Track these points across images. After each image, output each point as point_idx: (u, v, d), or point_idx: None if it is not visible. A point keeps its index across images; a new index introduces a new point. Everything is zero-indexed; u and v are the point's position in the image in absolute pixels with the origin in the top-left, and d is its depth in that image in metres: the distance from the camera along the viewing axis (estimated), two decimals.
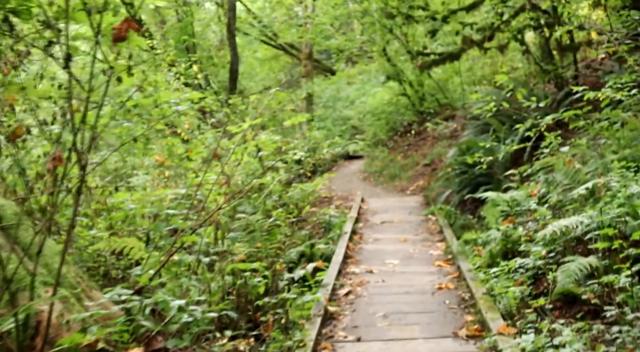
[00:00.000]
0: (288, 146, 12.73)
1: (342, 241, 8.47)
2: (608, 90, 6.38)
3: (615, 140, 6.65)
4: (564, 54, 11.56)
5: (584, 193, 5.34)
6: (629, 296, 3.96)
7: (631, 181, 5.24)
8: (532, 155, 10.07)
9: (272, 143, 11.66)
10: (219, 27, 22.64)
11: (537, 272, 5.40)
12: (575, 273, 4.72)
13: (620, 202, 4.88)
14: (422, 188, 12.61)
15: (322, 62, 25.75)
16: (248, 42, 26.37)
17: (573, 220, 5.38)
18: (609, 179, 5.37)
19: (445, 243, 8.40)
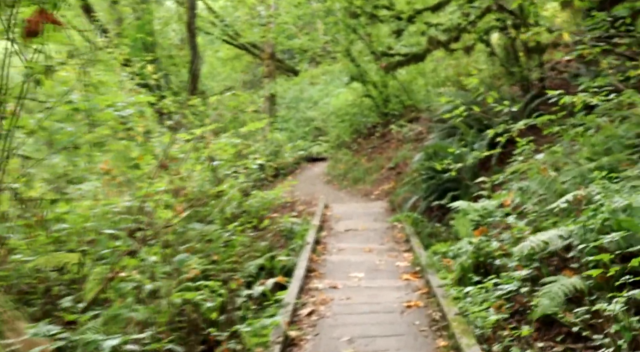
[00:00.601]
0: (249, 149, 12.14)
1: (304, 252, 7.91)
2: (586, 95, 5.98)
3: (590, 147, 6.25)
4: (530, 56, 11.22)
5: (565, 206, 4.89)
6: (624, 327, 3.50)
7: (614, 193, 4.82)
8: (501, 161, 9.70)
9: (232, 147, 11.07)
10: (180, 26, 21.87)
11: (515, 289, 4.92)
12: (558, 296, 4.26)
13: (604, 216, 4.44)
14: (387, 192, 12.13)
15: (285, 62, 25.15)
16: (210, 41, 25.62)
17: (552, 234, 4.94)
18: (590, 190, 4.94)
19: (412, 253, 7.92)
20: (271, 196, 8.73)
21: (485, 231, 6.61)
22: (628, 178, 5.21)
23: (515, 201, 6.12)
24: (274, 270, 7.76)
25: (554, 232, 4.95)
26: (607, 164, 5.73)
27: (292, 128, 21.24)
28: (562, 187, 5.68)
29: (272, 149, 13.15)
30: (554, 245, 4.97)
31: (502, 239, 6.06)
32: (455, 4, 11.83)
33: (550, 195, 5.82)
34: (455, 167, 7.28)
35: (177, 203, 7.95)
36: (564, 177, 5.80)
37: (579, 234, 4.60)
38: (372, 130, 16.86)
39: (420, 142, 12.96)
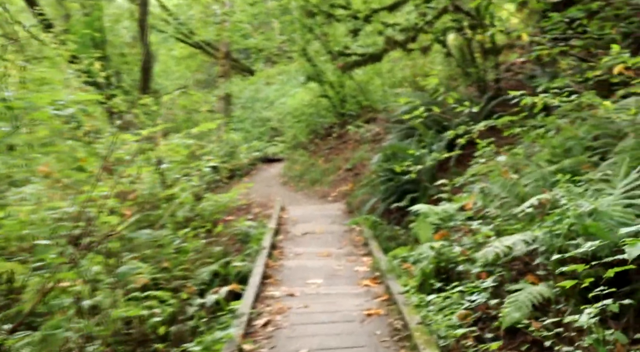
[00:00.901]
0: (203, 150, 11.70)
1: (260, 258, 7.56)
2: (547, 96, 5.83)
3: (551, 149, 6.12)
4: (486, 57, 11.17)
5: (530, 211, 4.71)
6: (597, 341, 3.31)
7: (578, 197, 4.66)
8: (460, 162, 9.57)
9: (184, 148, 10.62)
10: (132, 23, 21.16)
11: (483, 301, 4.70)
12: (525, 305, 4.06)
13: (570, 221, 4.26)
14: (344, 194, 11.89)
15: (240, 62, 24.68)
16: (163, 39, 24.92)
17: (516, 239, 4.75)
18: (554, 194, 4.77)
19: (371, 258, 7.68)
20: (225, 199, 8.35)
21: (446, 234, 6.42)
22: (591, 181, 5.07)
23: (477, 204, 5.93)
24: (228, 277, 7.40)
25: (518, 237, 4.77)
26: (568, 166, 5.59)
27: (247, 128, 20.82)
28: (525, 190, 5.52)
29: (226, 150, 12.74)
30: (518, 250, 4.78)
31: (463, 243, 5.86)
32: (412, 4, 11.69)
33: (512, 198, 5.65)
34: (415, 169, 7.07)
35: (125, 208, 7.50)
36: (526, 180, 5.64)
37: (545, 239, 4.41)
38: (329, 130, 16.62)
39: (377, 143, 12.77)
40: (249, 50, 22.91)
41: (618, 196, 4.52)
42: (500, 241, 4.83)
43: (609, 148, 5.79)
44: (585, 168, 5.58)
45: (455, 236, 6.24)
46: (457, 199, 6.74)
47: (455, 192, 7.50)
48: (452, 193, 7.05)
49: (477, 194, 6.03)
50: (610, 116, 5.65)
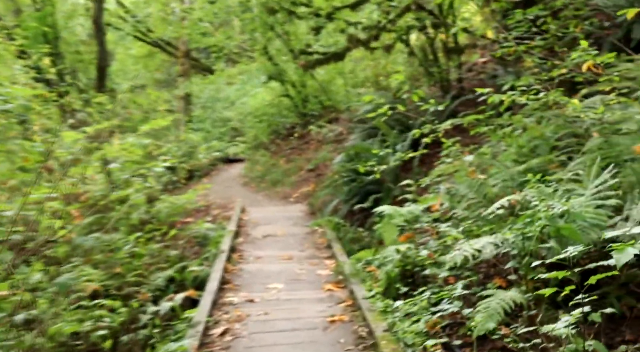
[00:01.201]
0: (160, 150, 11.25)
1: (218, 262, 7.19)
2: (515, 94, 5.65)
3: (517, 148, 5.94)
4: (449, 57, 11.02)
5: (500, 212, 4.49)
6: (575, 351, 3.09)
7: (549, 198, 4.46)
8: (423, 162, 9.38)
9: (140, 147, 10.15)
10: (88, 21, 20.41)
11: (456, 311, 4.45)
12: (497, 312, 3.83)
13: (542, 223, 4.06)
14: (306, 195, 11.59)
15: (200, 61, 24.13)
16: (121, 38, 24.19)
17: (485, 242, 4.53)
18: (524, 194, 4.56)
19: (335, 261, 7.39)
20: (182, 201, 7.94)
21: (412, 236, 6.19)
22: (560, 181, 4.90)
23: (443, 205, 5.71)
24: (185, 282, 7.01)
25: (487, 240, 4.54)
26: (536, 166, 5.41)
27: (208, 128, 20.33)
28: (493, 190, 5.31)
29: (185, 150, 12.29)
30: (487, 253, 4.56)
31: (430, 246, 5.63)
32: (374, 2, 11.47)
33: (480, 199, 5.44)
34: (379, 169, 6.81)
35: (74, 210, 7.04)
36: (494, 180, 5.43)
37: (516, 242, 4.20)
38: (290, 130, 16.30)
39: (340, 143, 12.51)
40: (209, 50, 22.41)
41: (589, 196, 4.35)
42: (468, 243, 4.60)
43: (575, 147, 5.65)
44: (553, 168, 5.42)
45: (421, 238, 6.01)
46: (423, 200, 6.51)
47: (420, 193, 7.28)
48: (418, 194, 6.82)
49: (443, 195, 5.80)
50: (578, 115, 5.50)
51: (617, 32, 8.89)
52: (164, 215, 7.85)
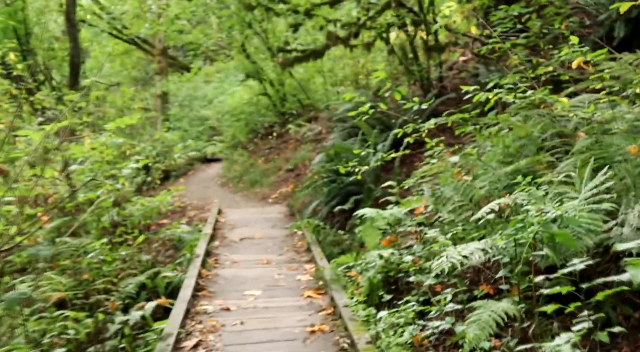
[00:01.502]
0: (133, 150, 10.83)
1: (192, 267, 6.83)
2: (502, 91, 5.39)
3: (503, 148, 5.67)
4: (430, 55, 10.77)
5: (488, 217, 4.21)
6: None
7: (541, 201, 4.20)
8: (404, 163, 9.12)
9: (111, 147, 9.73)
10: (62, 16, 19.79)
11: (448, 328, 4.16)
12: (489, 325, 3.54)
13: (535, 229, 3.78)
14: (285, 196, 11.25)
15: (178, 59, 23.63)
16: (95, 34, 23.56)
17: (473, 248, 4.24)
18: (514, 198, 4.29)
19: (314, 265, 7.08)
20: (155, 203, 7.54)
21: (394, 240, 5.89)
22: (551, 184, 4.64)
23: (428, 208, 5.42)
24: (157, 289, 6.64)
25: (475, 246, 4.26)
26: (524, 167, 5.15)
27: (185, 127, 19.86)
28: (480, 193, 5.04)
29: (159, 149, 11.86)
30: (475, 260, 4.28)
31: (414, 251, 5.34)
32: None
33: (466, 202, 5.17)
34: (361, 170, 6.49)
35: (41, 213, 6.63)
36: (481, 182, 5.16)
37: (508, 249, 3.92)
38: (269, 130, 15.93)
39: (319, 142, 12.20)
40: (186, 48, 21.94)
41: (583, 200, 4.08)
42: (455, 249, 4.31)
43: (563, 148, 5.41)
44: (542, 169, 5.17)
45: (405, 242, 5.72)
46: (406, 202, 6.22)
47: (403, 195, 6.99)
48: (401, 195, 6.53)
49: (427, 197, 5.51)
50: (567, 114, 5.25)
51: (599, 31, 8.73)
52: (136, 218, 7.43)
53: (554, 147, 5.51)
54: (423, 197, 5.76)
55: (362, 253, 6.64)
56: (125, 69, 25.23)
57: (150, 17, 19.42)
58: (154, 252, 7.60)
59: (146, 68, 25.49)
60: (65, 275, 6.55)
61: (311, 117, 14.66)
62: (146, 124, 15.80)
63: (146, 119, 16.61)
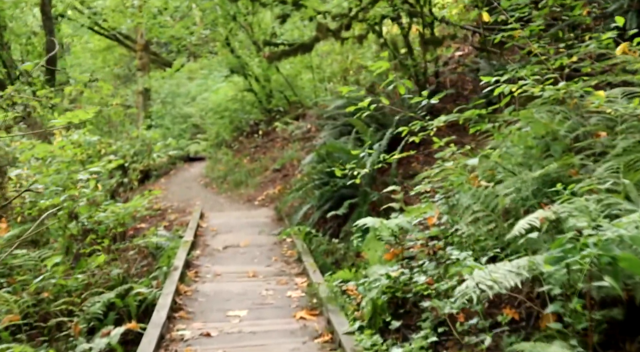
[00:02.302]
0: (109, 149, 9.86)
1: (169, 283, 5.91)
2: (528, 83, 4.56)
3: (525, 150, 4.84)
4: (426, 49, 9.92)
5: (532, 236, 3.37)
6: None
7: (587, 215, 3.37)
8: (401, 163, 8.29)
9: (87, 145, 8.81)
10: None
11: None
12: None
13: (593, 252, 2.94)
14: (272, 198, 10.35)
15: (161, 56, 22.58)
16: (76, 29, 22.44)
17: (505, 270, 3.41)
18: (555, 209, 3.46)
19: (306, 278, 6.21)
20: (128, 209, 6.59)
21: (399, 252, 5.05)
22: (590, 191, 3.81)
23: (442, 218, 4.57)
24: (128, 308, 5.71)
25: (507, 268, 3.42)
26: (554, 171, 4.32)
27: (167, 125, 18.83)
28: (504, 201, 4.19)
29: (137, 148, 10.90)
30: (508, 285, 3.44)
31: (427, 269, 4.49)
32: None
33: (488, 212, 4.32)
34: (361, 173, 5.60)
35: None
36: (504, 189, 4.31)
37: (558, 277, 3.08)
38: (254, 128, 15.00)
39: (308, 141, 11.31)
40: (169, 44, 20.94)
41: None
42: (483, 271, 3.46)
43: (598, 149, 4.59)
44: (573, 174, 4.35)
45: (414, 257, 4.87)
46: (412, 210, 5.37)
47: (407, 201, 6.14)
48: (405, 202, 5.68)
49: (441, 205, 4.66)
50: (603, 109, 4.43)
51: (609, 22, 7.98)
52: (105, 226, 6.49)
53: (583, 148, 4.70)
54: (434, 205, 4.91)
55: (361, 266, 5.79)
56: (107, 65, 24.21)
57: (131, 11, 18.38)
58: (126, 264, 6.66)
59: (129, 65, 24.45)
60: (24, 291, 5.62)
61: (299, 114, 13.76)
62: (125, 121, 14.79)
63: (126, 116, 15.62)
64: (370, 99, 5.44)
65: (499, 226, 4.23)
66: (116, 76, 25.43)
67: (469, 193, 4.50)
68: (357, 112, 5.48)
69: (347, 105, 9.56)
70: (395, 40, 12.12)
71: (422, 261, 4.56)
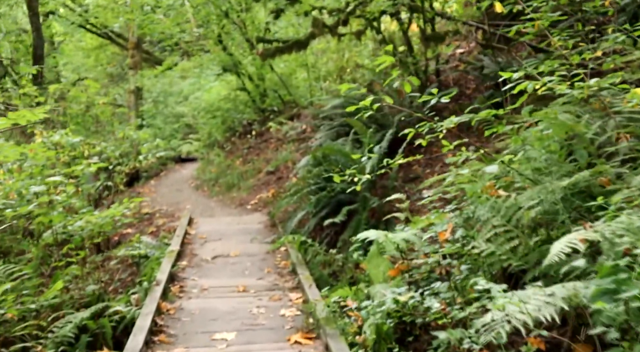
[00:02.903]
0: (93, 150, 9.22)
1: (150, 300, 5.28)
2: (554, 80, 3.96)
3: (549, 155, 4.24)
4: (427, 45, 9.31)
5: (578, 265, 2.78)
6: None
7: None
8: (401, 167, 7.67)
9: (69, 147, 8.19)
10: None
11: None
12: None
13: None
14: (265, 202, 9.73)
15: (153, 54, 21.89)
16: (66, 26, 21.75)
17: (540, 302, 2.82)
18: (600, 228, 2.87)
19: (302, 294, 5.60)
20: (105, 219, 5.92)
21: (406, 269, 4.45)
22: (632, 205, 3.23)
23: (457, 232, 3.96)
24: (103, 331, 5.08)
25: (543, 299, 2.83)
26: (584, 181, 3.73)
27: (159, 125, 18.17)
28: (530, 215, 3.59)
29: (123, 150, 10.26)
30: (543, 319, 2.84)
31: (437, 288, 3.88)
32: None
33: (510, 227, 3.72)
34: (363, 180, 4.98)
35: None
36: (527, 201, 3.71)
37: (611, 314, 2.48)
38: (247, 128, 14.35)
39: (303, 142, 10.70)
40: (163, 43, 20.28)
41: None
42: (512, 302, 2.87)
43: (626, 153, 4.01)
44: (605, 183, 3.76)
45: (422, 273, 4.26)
46: (418, 220, 4.77)
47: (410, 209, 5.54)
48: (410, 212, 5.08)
49: (454, 218, 4.06)
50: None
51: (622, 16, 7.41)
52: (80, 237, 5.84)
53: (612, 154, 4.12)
54: (445, 216, 4.31)
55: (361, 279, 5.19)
56: (100, 64, 23.58)
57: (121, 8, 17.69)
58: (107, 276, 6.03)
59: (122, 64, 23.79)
60: None
61: (293, 114, 13.13)
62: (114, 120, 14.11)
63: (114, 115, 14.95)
64: (372, 97, 4.82)
65: (524, 244, 3.63)
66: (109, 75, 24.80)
67: (487, 204, 3.90)
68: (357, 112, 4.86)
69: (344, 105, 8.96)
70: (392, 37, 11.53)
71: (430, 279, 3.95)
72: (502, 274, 3.73)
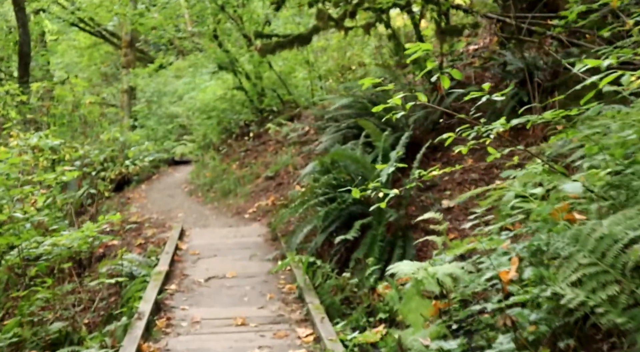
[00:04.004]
0: (75, 154, 8.16)
1: (128, 341, 4.24)
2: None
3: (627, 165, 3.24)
4: (444, 39, 8.30)
5: None
6: None
7: None
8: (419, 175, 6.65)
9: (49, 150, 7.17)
10: None
11: None
12: None
13: None
14: (265, 211, 8.68)
15: (148, 54, 20.83)
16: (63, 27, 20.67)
17: None
18: None
19: (312, 329, 4.57)
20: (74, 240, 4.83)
21: (445, 306, 3.43)
22: None
23: (526, 270, 2.93)
24: None
25: None
26: None
27: (152, 125, 17.08)
28: (638, 254, 2.57)
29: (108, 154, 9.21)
30: None
31: (499, 346, 2.86)
32: None
33: (605, 266, 2.70)
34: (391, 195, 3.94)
35: None
36: (627, 230, 2.70)
37: None
38: (245, 129, 13.29)
39: (305, 144, 9.66)
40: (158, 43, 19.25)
41: None
42: None
43: None
44: None
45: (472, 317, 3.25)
46: (458, 245, 3.75)
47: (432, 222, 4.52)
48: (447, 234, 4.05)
49: (521, 251, 3.03)
50: None
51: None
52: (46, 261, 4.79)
53: None
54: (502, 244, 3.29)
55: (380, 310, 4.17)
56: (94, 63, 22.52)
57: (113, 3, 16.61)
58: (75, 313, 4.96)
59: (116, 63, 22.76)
60: None
61: (294, 115, 12.09)
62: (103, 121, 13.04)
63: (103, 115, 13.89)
64: (402, 94, 3.79)
65: (627, 290, 2.62)
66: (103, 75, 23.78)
67: (567, 234, 2.88)
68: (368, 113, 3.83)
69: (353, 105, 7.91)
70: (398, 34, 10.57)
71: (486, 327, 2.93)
72: (595, 332, 2.72)
